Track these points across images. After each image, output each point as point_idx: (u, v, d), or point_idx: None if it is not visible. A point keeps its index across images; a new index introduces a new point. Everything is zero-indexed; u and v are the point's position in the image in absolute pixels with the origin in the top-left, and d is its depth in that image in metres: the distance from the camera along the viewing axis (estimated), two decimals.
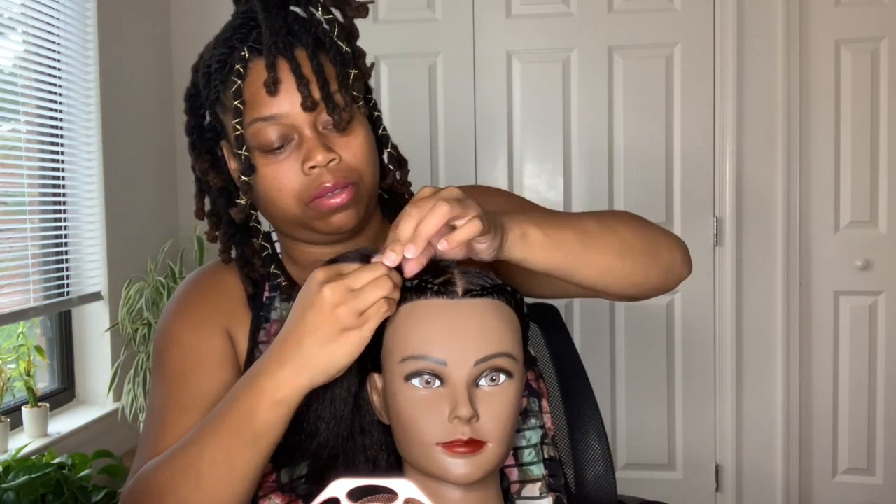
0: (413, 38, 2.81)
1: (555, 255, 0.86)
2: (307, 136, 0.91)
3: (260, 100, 0.91)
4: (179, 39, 2.82)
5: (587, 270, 0.89)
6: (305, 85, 0.90)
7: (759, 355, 2.79)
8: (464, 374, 0.77)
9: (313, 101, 0.90)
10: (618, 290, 0.93)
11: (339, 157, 0.92)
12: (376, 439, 0.85)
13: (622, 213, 0.98)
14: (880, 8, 2.66)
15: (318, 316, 0.76)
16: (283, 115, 0.91)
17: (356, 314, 0.75)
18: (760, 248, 2.77)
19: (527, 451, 0.99)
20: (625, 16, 2.78)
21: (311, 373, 0.77)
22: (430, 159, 2.84)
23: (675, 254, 0.97)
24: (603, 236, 0.90)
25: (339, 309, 0.75)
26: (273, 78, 0.90)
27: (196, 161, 1.01)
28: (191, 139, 1.02)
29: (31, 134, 2.24)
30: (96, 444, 2.18)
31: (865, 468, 2.77)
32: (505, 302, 0.82)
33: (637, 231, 0.94)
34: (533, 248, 0.84)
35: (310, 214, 0.93)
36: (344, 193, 0.92)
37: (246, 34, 0.94)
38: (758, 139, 2.74)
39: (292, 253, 1.03)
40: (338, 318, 0.75)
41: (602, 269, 0.90)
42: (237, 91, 0.91)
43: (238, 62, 0.92)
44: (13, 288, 2.14)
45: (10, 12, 2.13)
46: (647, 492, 1.90)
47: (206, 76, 0.96)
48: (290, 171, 0.92)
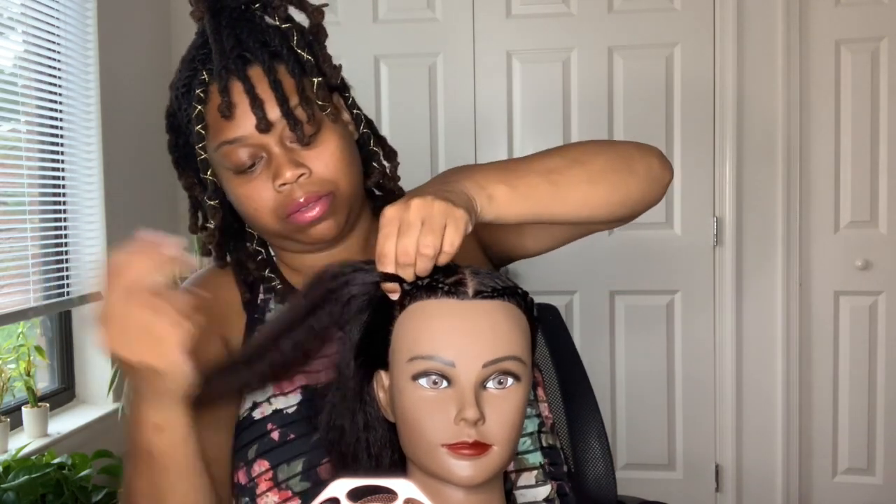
0: (413, 38, 2.81)
1: (526, 204, 0.85)
2: (275, 153, 0.90)
3: (220, 124, 0.90)
4: (179, 39, 2.81)
5: (563, 208, 0.87)
6: (259, 106, 0.88)
7: (758, 355, 2.79)
8: (472, 375, 0.76)
9: (267, 123, 0.89)
10: (604, 216, 0.92)
11: (308, 171, 0.90)
12: (380, 436, 0.85)
13: (586, 142, 0.97)
14: (880, 8, 2.66)
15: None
16: (246, 136, 0.90)
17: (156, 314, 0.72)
18: (760, 248, 2.77)
19: (521, 439, 0.98)
20: (625, 16, 2.78)
21: (148, 392, 0.76)
22: (430, 159, 2.84)
23: (649, 160, 0.95)
24: (569, 169, 0.88)
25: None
26: (227, 102, 0.89)
27: (180, 178, 1.01)
28: (174, 156, 1.02)
29: (31, 134, 2.24)
30: (96, 444, 2.18)
31: (865, 468, 2.77)
32: (515, 304, 0.81)
33: (603, 153, 0.92)
34: (502, 205, 0.83)
35: (289, 228, 0.93)
36: (318, 206, 0.91)
37: (207, 54, 0.93)
38: (758, 139, 2.74)
39: (285, 258, 1.03)
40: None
41: (578, 202, 0.88)
42: (199, 116, 0.91)
43: (198, 86, 0.91)
44: (13, 288, 2.14)
45: (10, 12, 2.13)
46: (647, 492, 1.90)
47: (177, 98, 0.96)
48: (262, 189, 0.91)
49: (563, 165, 0.88)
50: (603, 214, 0.92)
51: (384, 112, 2.84)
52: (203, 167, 0.93)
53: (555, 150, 0.94)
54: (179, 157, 1.01)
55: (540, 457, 0.99)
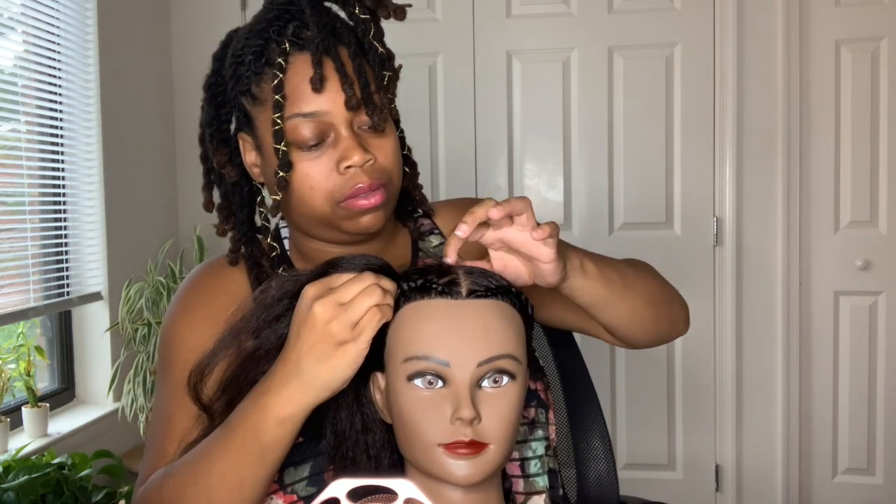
0: (413, 38, 2.81)
1: (603, 290, 0.90)
2: (344, 135, 0.91)
3: (301, 95, 0.90)
4: (179, 40, 2.81)
5: (620, 311, 0.93)
6: (350, 84, 0.90)
7: (759, 355, 2.79)
8: (466, 375, 0.77)
9: (357, 101, 0.90)
10: (631, 335, 0.98)
11: (374, 158, 0.92)
12: (379, 437, 0.85)
13: (645, 264, 1.03)
14: (880, 8, 2.66)
15: (312, 334, 0.76)
16: (323, 112, 0.90)
17: (349, 327, 0.76)
18: (760, 248, 2.77)
19: (533, 462, 0.98)
20: (625, 16, 2.78)
21: (315, 390, 0.78)
22: (430, 159, 2.84)
23: (683, 311, 1.04)
24: (638, 282, 0.95)
25: (332, 324, 0.76)
26: (319, 74, 0.89)
27: (214, 153, 0.98)
28: (209, 130, 0.99)
29: (31, 134, 2.24)
30: (96, 444, 2.18)
31: (865, 468, 2.77)
32: (509, 303, 0.82)
33: (660, 283, 1.00)
34: (589, 279, 0.88)
35: (339, 214, 0.92)
36: (377, 195, 0.92)
37: (282, 27, 0.92)
38: (758, 139, 2.74)
39: (304, 250, 1.01)
40: (331, 333, 0.76)
41: (632, 311, 0.95)
42: (279, 84, 0.90)
43: (278, 55, 0.91)
44: (13, 288, 2.14)
45: (10, 12, 2.13)
46: (647, 492, 1.90)
47: (236, 65, 0.94)
48: (324, 169, 0.91)
49: (633, 276, 0.95)
50: (635, 332, 0.98)
51: None
52: (277, 138, 0.91)
53: (628, 260, 1.00)
54: (215, 132, 0.99)
55: (546, 480, 0.99)
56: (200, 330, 0.96)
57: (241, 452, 0.81)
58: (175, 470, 0.86)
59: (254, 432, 0.80)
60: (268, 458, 0.81)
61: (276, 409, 0.79)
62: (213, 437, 0.84)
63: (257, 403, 0.80)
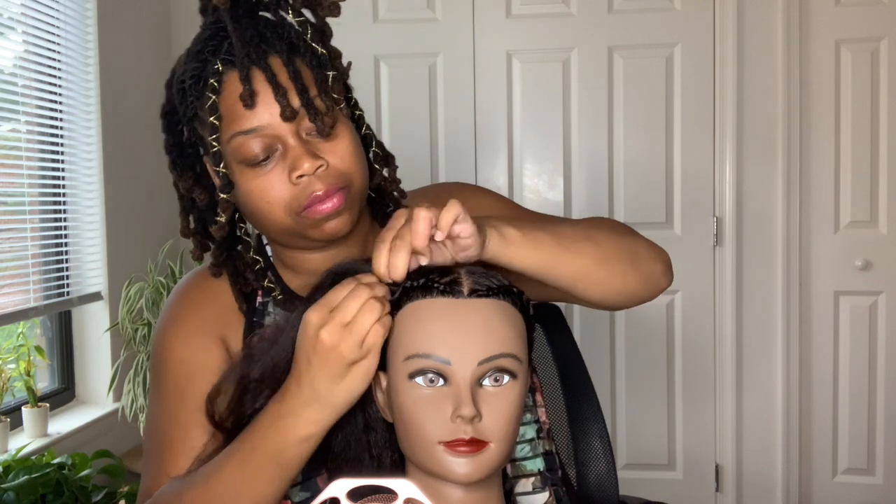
0: (413, 38, 2.81)
1: (532, 255, 0.86)
2: (291, 145, 0.89)
3: (238, 113, 0.89)
4: (179, 40, 2.81)
5: (563, 272, 0.88)
6: (283, 94, 0.87)
7: (759, 355, 2.79)
8: (467, 373, 0.77)
9: (293, 111, 0.88)
10: (595, 296, 0.93)
11: (326, 163, 0.89)
12: (381, 436, 0.85)
13: (605, 221, 0.98)
14: (880, 8, 2.66)
15: (323, 360, 0.77)
16: (263, 126, 0.88)
17: (357, 347, 0.76)
18: (760, 248, 2.77)
19: (519, 446, 0.99)
20: (625, 16, 2.78)
21: (334, 408, 0.79)
22: (430, 159, 2.84)
23: (655, 265, 0.97)
24: (580, 242, 0.90)
25: (340, 347, 0.76)
26: (249, 90, 0.87)
27: (179, 179, 0.98)
28: (171, 157, 0.99)
29: (31, 134, 2.24)
30: (96, 444, 2.18)
31: (865, 468, 2.77)
32: (510, 303, 0.82)
33: (617, 240, 0.94)
34: (510, 245, 0.84)
35: (302, 223, 0.91)
36: (335, 198, 0.90)
37: (217, 46, 0.91)
38: (758, 139, 2.74)
39: (284, 259, 1.01)
40: (342, 356, 0.77)
41: (578, 272, 0.89)
42: (212, 106, 0.89)
43: (212, 76, 0.90)
44: (13, 288, 2.14)
45: (10, 12, 2.13)
46: (647, 492, 1.90)
47: (181, 92, 0.94)
48: (277, 182, 0.89)
49: (574, 235, 0.90)
50: (594, 295, 0.93)
51: (384, 112, 2.84)
52: (216, 160, 0.91)
53: (571, 221, 0.96)
54: (177, 157, 0.99)
55: (538, 463, 0.99)
56: (190, 341, 0.96)
57: (259, 473, 0.82)
58: (183, 489, 0.86)
59: (274, 454, 0.81)
60: (286, 476, 0.82)
61: (299, 430, 0.80)
62: (226, 459, 0.84)
63: (276, 426, 0.81)
